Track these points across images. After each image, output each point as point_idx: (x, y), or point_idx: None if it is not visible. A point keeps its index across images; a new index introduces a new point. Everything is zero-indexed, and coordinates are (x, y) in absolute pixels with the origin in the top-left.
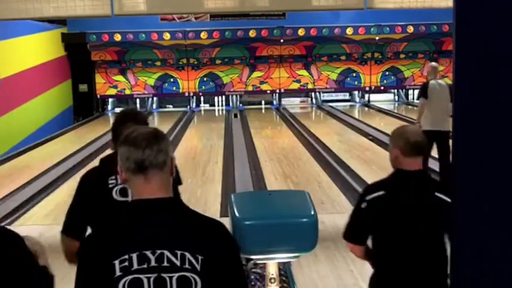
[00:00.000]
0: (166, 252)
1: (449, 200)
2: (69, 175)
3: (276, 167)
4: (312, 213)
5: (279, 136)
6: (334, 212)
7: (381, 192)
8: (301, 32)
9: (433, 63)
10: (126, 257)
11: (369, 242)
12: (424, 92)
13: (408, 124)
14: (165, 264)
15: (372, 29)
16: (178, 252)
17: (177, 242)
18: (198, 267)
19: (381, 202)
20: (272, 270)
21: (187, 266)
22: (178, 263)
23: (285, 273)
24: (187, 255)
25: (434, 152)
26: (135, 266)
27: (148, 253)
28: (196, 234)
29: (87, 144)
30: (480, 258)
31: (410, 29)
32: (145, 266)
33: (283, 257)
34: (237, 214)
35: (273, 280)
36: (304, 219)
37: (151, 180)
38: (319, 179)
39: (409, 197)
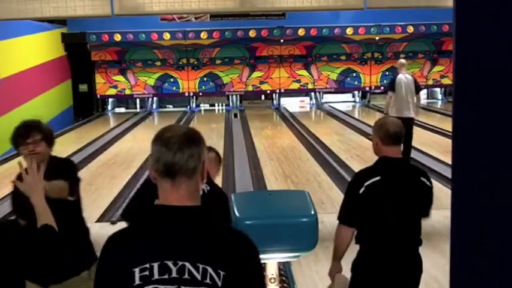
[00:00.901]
0: (188, 265)
1: (429, 184)
2: None
3: (276, 167)
4: (312, 213)
5: (279, 136)
6: (334, 212)
7: (377, 178)
8: (301, 32)
9: (402, 60)
10: (147, 265)
11: None
12: (391, 85)
13: (390, 116)
14: (186, 276)
15: (372, 29)
16: (200, 266)
17: (200, 255)
18: (219, 283)
19: (378, 186)
20: (272, 270)
21: (208, 281)
22: (199, 277)
23: (285, 273)
24: (209, 269)
25: None
26: (156, 276)
27: (170, 263)
28: (220, 248)
29: (87, 144)
30: (480, 259)
31: (410, 29)
32: (166, 276)
33: (283, 257)
34: (237, 214)
35: (273, 280)
36: (304, 219)
37: (179, 187)
38: (319, 179)
39: (401, 181)
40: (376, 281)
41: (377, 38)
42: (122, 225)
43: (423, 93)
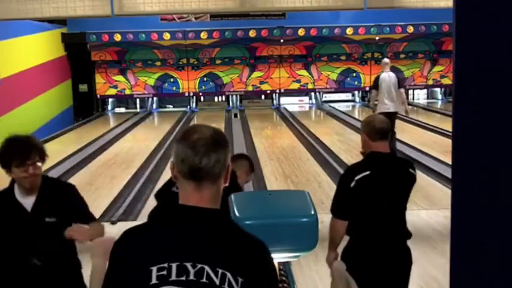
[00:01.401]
0: (207, 268)
1: (415, 172)
2: (69, 175)
3: (276, 167)
4: (312, 213)
5: (279, 136)
6: None
7: (367, 172)
8: (301, 32)
9: (385, 59)
10: (166, 265)
11: None
12: (375, 83)
13: (377, 114)
14: (204, 280)
15: (372, 29)
16: (220, 271)
17: (219, 259)
18: None
19: (368, 180)
20: None
21: (226, 286)
22: (217, 281)
23: (285, 273)
24: (228, 275)
25: None
26: (173, 277)
27: (188, 265)
28: (240, 253)
29: (87, 144)
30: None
31: (410, 29)
32: (183, 278)
33: (283, 257)
34: (237, 214)
35: None
36: (304, 219)
37: (202, 191)
38: (319, 179)
39: (390, 175)
40: (365, 273)
41: (377, 38)
42: (123, 225)
43: (423, 92)
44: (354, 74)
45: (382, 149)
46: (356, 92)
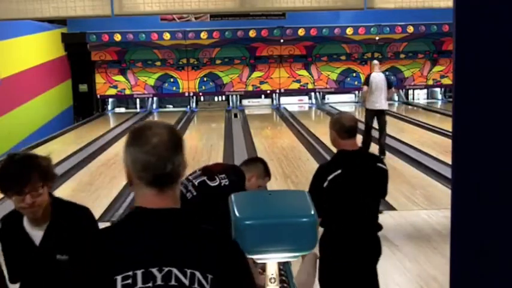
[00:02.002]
0: (175, 270)
1: (385, 166)
2: (69, 175)
3: (276, 167)
4: (312, 213)
5: (279, 136)
6: None
7: (339, 171)
8: (301, 32)
9: (374, 61)
10: (130, 273)
11: None
12: (366, 81)
13: (345, 111)
14: (173, 283)
15: (372, 29)
16: (188, 271)
17: (186, 259)
18: (208, 287)
19: (340, 179)
20: (272, 270)
21: (196, 286)
22: (187, 282)
23: (285, 273)
24: (197, 274)
25: None
26: (139, 284)
27: (154, 270)
28: (207, 250)
29: (87, 144)
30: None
31: (410, 29)
32: (150, 284)
33: (283, 257)
34: (237, 214)
35: (273, 280)
36: (304, 219)
37: (164, 194)
38: None
39: (361, 171)
40: (338, 261)
41: (377, 38)
42: None
43: (423, 92)
44: (354, 74)
45: (350, 147)
46: (356, 92)
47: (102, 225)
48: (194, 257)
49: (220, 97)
